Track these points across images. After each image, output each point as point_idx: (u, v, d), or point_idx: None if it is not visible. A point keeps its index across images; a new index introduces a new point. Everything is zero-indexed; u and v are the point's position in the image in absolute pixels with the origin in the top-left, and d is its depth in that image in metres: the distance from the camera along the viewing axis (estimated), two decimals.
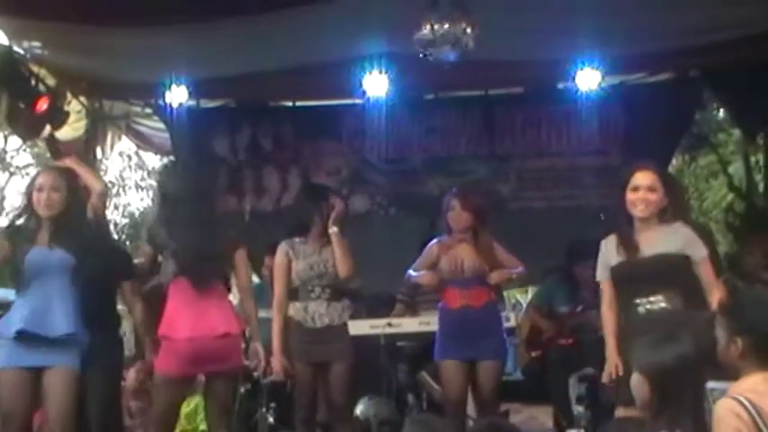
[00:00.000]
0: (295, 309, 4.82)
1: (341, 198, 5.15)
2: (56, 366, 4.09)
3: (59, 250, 4.17)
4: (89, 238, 4.34)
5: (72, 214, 4.25)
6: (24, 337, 4.08)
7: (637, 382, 2.83)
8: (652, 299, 3.86)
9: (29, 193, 4.26)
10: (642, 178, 3.92)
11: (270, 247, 6.26)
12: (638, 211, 3.91)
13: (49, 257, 4.17)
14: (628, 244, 3.93)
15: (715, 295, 3.80)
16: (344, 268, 4.77)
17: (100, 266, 4.40)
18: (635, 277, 3.92)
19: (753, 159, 9.76)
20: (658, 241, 3.91)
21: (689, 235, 3.97)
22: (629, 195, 3.93)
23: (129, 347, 5.47)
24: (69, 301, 4.17)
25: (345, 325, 4.86)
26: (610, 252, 4.01)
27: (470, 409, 5.14)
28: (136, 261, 4.87)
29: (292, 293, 4.86)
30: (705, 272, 3.93)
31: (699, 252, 3.93)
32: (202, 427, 6.14)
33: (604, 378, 4.02)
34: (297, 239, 4.89)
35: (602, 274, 4.07)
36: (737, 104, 7.16)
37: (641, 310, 3.87)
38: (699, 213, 13.07)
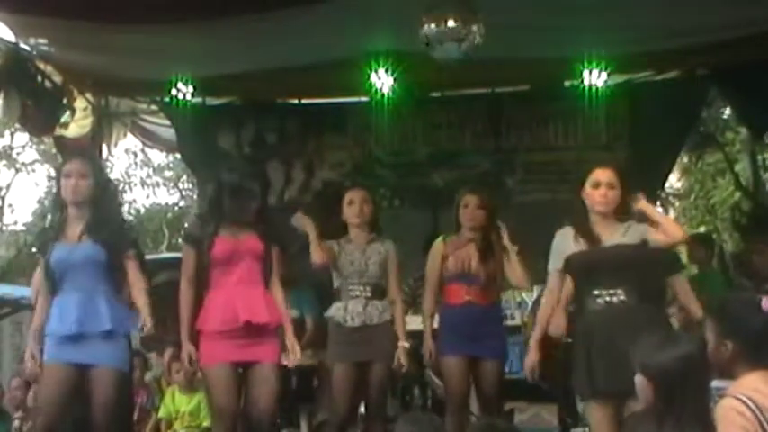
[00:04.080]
0: (335, 309, 4.87)
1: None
2: (102, 366, 4.07)
3: (88, 243, 4.10)
4: (121, 228, 4.33)
5: (100, 203, 4.20)
6: (73, 338, 4.05)
7: (640, 383, 2.83)
8: (611, 291, 3.87)
9: (57, 182, 4.23)
10: (603, 175, 4.00)
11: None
12: (598, 205, 3.98)
13: (74, 253, 4.10)
14: (588, 234, 3.97)
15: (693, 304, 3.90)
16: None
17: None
18: (595, 267, 3.94)
19: (759, 158, 9.77)
20: (618, 234, 3.96)
21: (644, 227, 4.02)
22: (589, 190, 4.01)
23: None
24: (106, 293, 4.11)
25: (387, 324, 4.85)
26: (566, 242, 4.04)
27: (475, 407, 5.15)
28: None
29: (335, 294, 4.95)
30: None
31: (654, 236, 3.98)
32: (206, 423, 6.17)
33: (528, 376, 4.13)
34: (344, 238, 4.94)
35: (554, 264, 4.10)
36: (744, 103, 7.14)
37: (600, 302, 3.88)
38: (705, 212, 13.07)
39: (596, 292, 3.89)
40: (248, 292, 4.28)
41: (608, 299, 3.87)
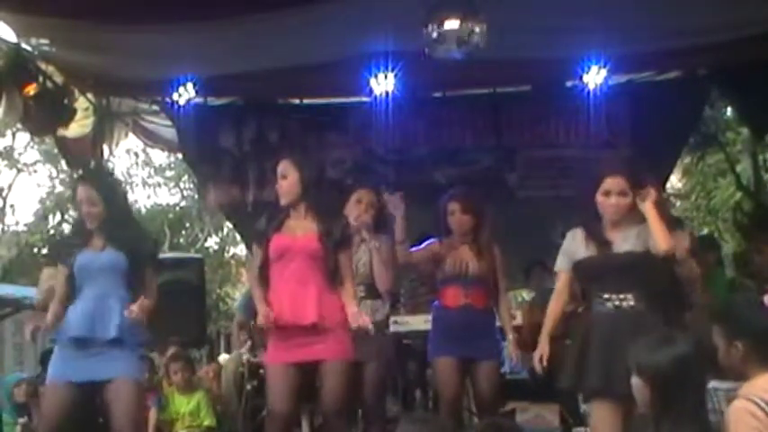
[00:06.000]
0: None
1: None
2: (116, 379, 4.04)
3: (110, 251, 4.16)
4: (138, 238, 4.34)
5: (116, 220, 4.22)
6: (80, 345, 4.06)
7: (636, 385, 2.83)
8: (621, 296, 3.83)
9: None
10: (613, 184, 3.89)
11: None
12: (609, 215, 3.91)
13: (97, 259, 4.16)
14: (599, 239, 3.92)
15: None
16: (381, 281, 4.81)
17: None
18: (604, 273, 3.89)
19: (761, 158, 9.77)
20: (629, 241, 3.89)
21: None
22: (600, 198, 3.92)
23: None
24: (122, 300, 4.10)
25: (381, 323, 4.79)
26: (577, 245, 3.98)
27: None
28: None
29: None
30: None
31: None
32: (207, 422, 6.17)
33: (537, 367, 4.08)
34: None
35: (562, 264, 4.05)
36: (745, 103, 7.15)
37: (609, 305, 3.84)
38: (706, 212, 13.05)
39: (606, 296, 3.85)
40: (298, 291, 4.13)
41: (617, 303, 3.82)
